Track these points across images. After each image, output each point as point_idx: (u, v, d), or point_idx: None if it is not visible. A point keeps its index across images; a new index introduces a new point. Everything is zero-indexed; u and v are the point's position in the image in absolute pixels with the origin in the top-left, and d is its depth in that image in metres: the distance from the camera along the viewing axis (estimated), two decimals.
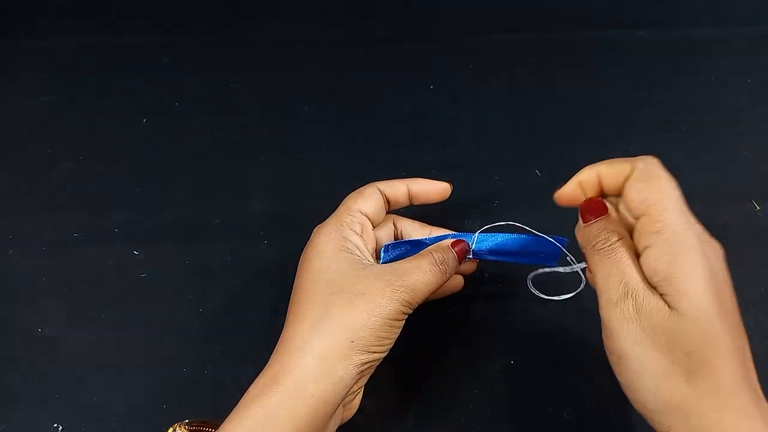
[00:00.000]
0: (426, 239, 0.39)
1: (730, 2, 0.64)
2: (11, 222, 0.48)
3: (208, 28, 0.62)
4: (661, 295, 0.29)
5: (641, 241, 0.31)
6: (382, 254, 0.39)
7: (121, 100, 0.56)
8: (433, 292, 0.35)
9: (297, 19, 0.63)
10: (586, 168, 0.35)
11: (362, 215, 0.38)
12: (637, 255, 0.31)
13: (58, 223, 0.48)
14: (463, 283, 0.42)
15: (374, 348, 0.33)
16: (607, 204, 0.34)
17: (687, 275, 0.29)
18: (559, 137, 0.53)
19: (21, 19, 0.63)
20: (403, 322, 0.34)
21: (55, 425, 0.39)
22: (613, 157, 0.34)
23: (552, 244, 0.39)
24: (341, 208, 0.38)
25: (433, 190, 0.40)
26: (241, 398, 0.31)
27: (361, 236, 0.37)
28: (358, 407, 0.35)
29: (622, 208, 0.34)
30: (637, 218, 0.32)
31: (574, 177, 0.35)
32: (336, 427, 0.34)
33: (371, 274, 0.34)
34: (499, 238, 0.40)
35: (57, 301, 0.44)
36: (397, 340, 0.37)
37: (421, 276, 0.34)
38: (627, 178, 0.33)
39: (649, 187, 0.32)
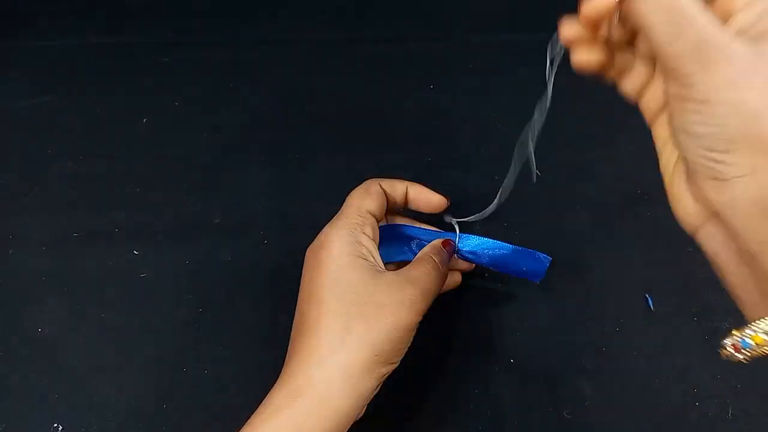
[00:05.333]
0: (415, 228, 0.40)
1: None
2: (11, 222, 0.48)
3: (208, 28, 0.62)
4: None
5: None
6: None
7: (121, 100, 0.56)
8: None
9: (297, 19, 0.63)
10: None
11: (371, 216, 0.37)
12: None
13: (58, 223, 0.48)
14: (460, 280, 0.42)
15: (393, 359, 0.33)
16: None
17: None
18: (559, 137, 0.53)
19: (21, 19, 0.63)
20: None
21: (55, 425, 0.39)
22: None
23: (537, 261, 0.39)
24: (350, 209, 0.37)
25: (430, 199, 0.40)
26: (259, 404, 0.31)
27: (373, 239, 0.36)
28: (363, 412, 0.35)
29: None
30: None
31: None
32: None
33: (389, 283, 0.34)
34: (483, 242, 0.40)
35: (57, 301, 0.44)
36: None
37: (430, 282, 0.34)
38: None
39: None
